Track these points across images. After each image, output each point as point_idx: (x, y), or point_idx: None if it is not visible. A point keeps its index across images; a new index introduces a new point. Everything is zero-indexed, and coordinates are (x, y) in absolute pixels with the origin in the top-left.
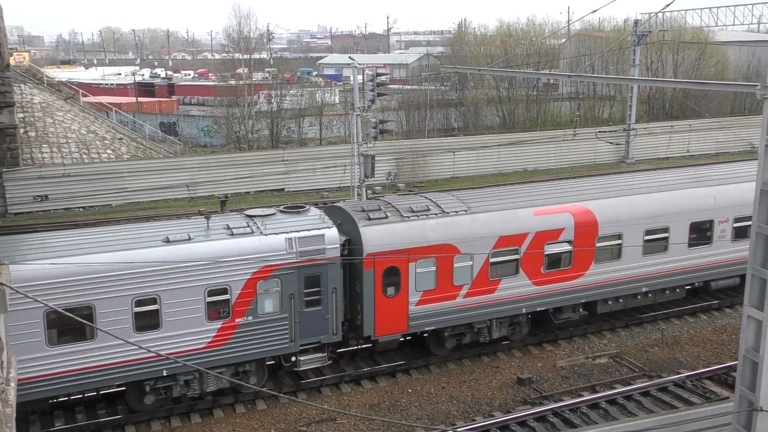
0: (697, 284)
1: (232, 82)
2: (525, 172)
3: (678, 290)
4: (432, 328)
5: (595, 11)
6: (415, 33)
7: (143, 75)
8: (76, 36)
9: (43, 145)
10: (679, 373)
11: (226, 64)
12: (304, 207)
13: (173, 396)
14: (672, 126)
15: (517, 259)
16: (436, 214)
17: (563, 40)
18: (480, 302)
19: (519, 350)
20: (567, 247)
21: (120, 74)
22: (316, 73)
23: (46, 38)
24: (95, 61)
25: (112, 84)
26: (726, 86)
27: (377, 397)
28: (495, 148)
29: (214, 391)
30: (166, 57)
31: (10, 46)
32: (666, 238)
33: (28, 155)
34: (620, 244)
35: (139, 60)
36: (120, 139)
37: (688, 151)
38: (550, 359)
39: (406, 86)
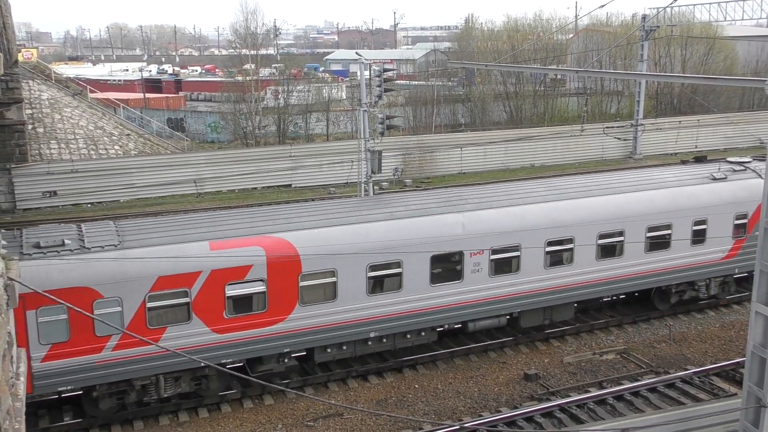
0: (449, 326)
1: (239, 78)
2: (532, 168)
3: (424, 333)
4: (69, 387)
5: (602, 6)
6: (422, 28)
7: (150, 71)
8: (83, 32)
9: (51, 141)
10: (686, 370)
11: (233, 60)
12: None
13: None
14: (680, 121)
15: (187, 303)
16: (71, 250)
17: (571, 36)
18: (136, 355)
19: (526, 346)
20: (259, 288)
21: (127, 70)
22: (322, 68)
23: (53, 35)
24: (103, 58)
25: (119, 80)
26: (734, 81)
27: (384, 392)
28: (502, 144)
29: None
30: (173, 53)
31: (18, 43)
32: (400, 275)
33: (37, 151)
34: (335, 282)
35: (146, 56)
36: (127, 135)
37: (696, 147)
38: (557, 355)
39: (413, 82)
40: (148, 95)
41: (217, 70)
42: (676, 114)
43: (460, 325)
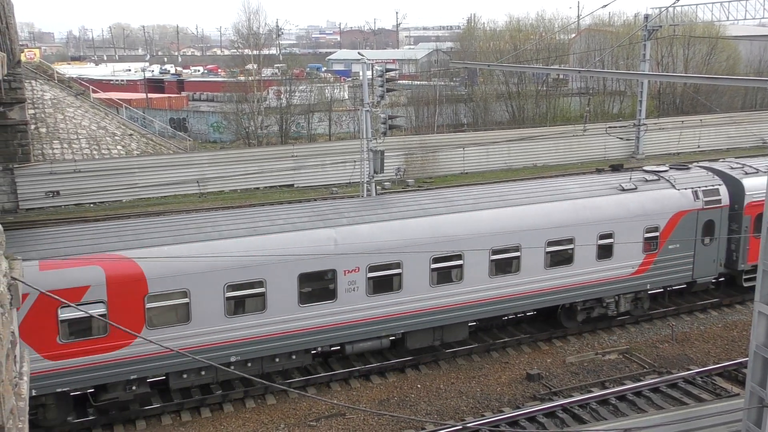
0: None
1: (242, 78)
2: (534, 168)
3: (295, 356)
4: None
5: (605, 6)
6: (425, 28)
7: (153, 71)
8: (86, 32)
9: (54, 141)
10: (689, 370)
11: (235, 60)
12: None
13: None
14: (683, 121)
15: None
16: None
17: (573, 35)
18: None
19: (528, 346)
20: (98, 311)
21: (130, 70)
22: (325, 68)
23: (56, 35)
24: (105, 58)
25: (122, 80)
26: (737, 81)
27: (386, 392)
28: (504, 144)
29: (224, 386)
30: (176, 53)
31: (21, 43)
32: (263, 294)
33: (39, 151)
34: (187, 304)
35: (148, 56)
36: (130, 135)
37: (698, 147)
38: (559, 355)
39: (416, 82)
40: (150, 95)
41: (219, 70)
42: (679, 114)
43: (338, 347)
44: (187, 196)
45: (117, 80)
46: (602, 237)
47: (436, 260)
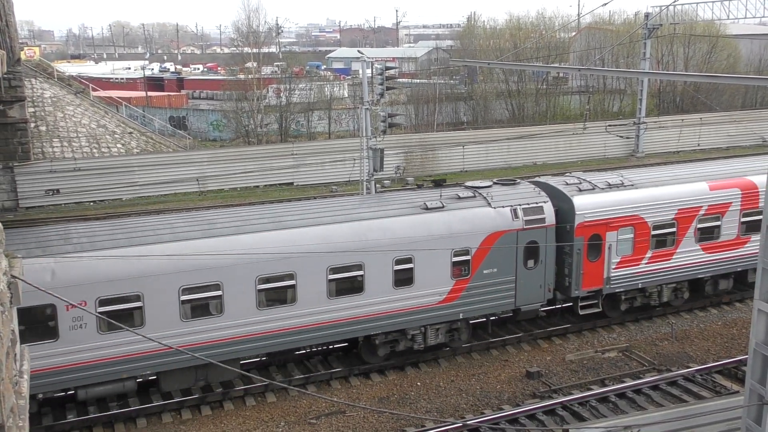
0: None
1: (241, 76)
2: (534, 166)
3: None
4: None
5: (605, 4)
6: (424, 26)
7: (153, 69)
8: (86, 30)
9: (54, 140)
10: (688, 367)
11: (235, 58)
12: None
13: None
14: (682, 120)
15: None
16: None
17: (573, 34)
18: None
19: (528, 344)
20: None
21: (129, 68)
22: (324, 67)
23: (56, 33)
24: (105, 56)
25: (121, 78)
26: (737, 80)
27: (386, 390)
28: (504, 142)
29: (225, 384)
30: (176, 51)
31: (20, 41)
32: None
33: (39, 149)
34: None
35: (148, 54)
36: (130, 133)
37: (698, 145)
38: (559, 353)
39: (415, 80)
40: (150, 93)
41: (219, 69)
42: (679, 112)
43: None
44: (187, 195)
45: (117, 78)
46: (399, 262)
47: (186, 291)
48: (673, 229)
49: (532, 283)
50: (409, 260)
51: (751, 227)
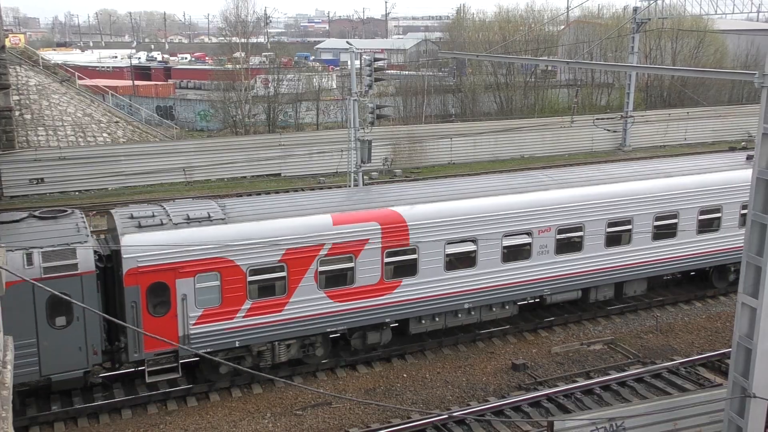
0: None
1: (229, 66)
2: (522, 159)
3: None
4: None
5: None
6: (414, 18)
7: (140, 58)
8: (72, 18)
9: (39, 128)
10: (673, 360)
11: (223, 48)
12: None
13: None
14: (669, 114)
15: None
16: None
17: (562, 27)
18: None
19: (514, 336)
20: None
21: (116, 57)
22: (313, 57)
23: (41, 20)
24: (91, 44)
25: (108, 67)
26: (724, 74)
27: (373, 381)
28: (492, 135)
29: (210, 376)
30: (163, 40)
31: (5, 28)
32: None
33: (24, 138)
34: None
35: (135, 43)
36: (116, 122)
37: (685, 139)
38: (545, 345)
39: (404, 72)
40: (137, 82)
41: (207, 58)
42: (666, 106)
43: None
44: (174, 185)
45: (103, 67)
46: None
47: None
48: (282, 274)
49: (68, 347)
50: None
51: (401, 270)
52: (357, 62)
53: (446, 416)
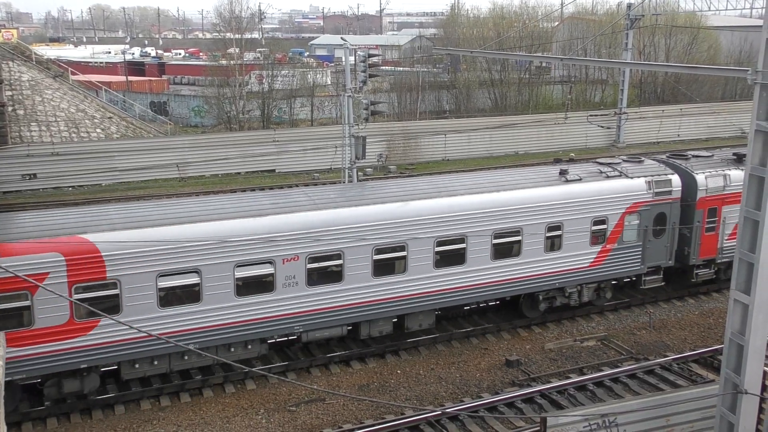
0: None
1: (223, 62)
2: (516, 155)
3: None
4: None
5: None
6: (408, 14)
7: (133, 54)
8: (65, 13)
9: (32, 124)
10: (665, 356)
11: (217, 44)
12: None
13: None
14: (663, 110)
15: None
16: None
17: (556, 23)
18: None
19: (508, 332)
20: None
21: (110, 52)
22: (307, 53)
23: (34, 15)
24: (84, 39)
25: (101, 62)
26: (717, 71)
27: (366, 377)
28: (486, 131)
29: (204, 371)
30: (157, 36)
31: None
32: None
33: (17, 133)
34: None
35: (129, 38)
36: (110, 118)
37: (678, 136)
38: (538, 341)
39: (398, 68)
40: (130, 78)
41: (201, 54)
42: (660, 103)
43: None
44: (168, 181)
45: (96, 62)
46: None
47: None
48: None
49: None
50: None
51: (97, 308)
52: (351, 58)
53: (439, 412)
